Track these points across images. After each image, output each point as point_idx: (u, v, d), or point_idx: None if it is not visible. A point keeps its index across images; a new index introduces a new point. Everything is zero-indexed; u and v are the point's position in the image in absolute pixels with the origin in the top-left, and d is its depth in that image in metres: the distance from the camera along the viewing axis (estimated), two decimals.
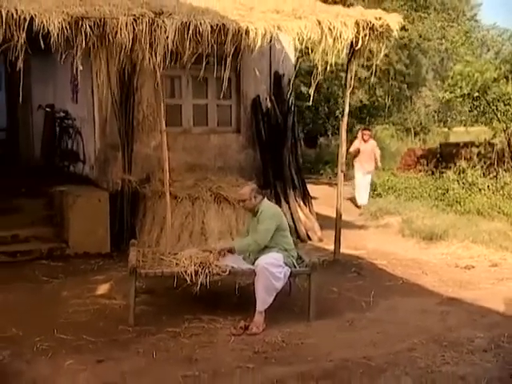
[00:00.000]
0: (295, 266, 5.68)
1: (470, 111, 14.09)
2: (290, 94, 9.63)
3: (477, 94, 11.87)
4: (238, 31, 6.16)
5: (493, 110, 12.08)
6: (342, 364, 4.58)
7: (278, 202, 9.21)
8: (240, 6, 7.19)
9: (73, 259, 7.50)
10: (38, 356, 4.70)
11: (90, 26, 5.71)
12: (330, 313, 5.87)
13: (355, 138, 13.12)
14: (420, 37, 17.46)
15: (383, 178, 13.77)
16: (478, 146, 12.95)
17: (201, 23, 5.97)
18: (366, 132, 12.82)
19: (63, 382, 4.28)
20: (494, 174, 12.28)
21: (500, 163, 12.27)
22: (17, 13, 5.38)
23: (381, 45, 7.07)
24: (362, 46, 6.97)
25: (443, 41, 20.51)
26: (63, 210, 7.85)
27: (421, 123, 24.85)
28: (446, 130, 25.23)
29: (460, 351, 4.82)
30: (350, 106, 17.29)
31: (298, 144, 9.82)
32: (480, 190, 12.14)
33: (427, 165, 14.36)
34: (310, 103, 13.18)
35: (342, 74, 15.88)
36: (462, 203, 11.77)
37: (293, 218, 9.18)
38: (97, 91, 8.50)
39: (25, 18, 5.39)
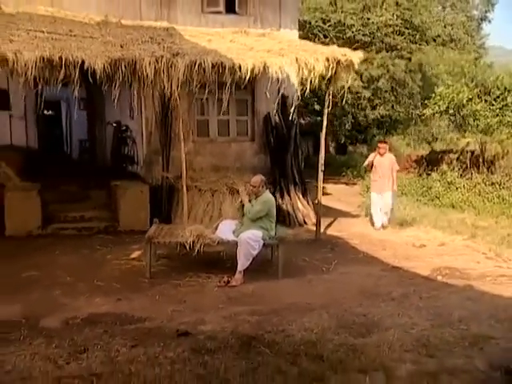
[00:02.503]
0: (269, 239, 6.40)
1: (448, 125, 14.25)
2: (293, 111, 10.22)
3: (452, 111, 12.09)
4: (233, 66, 6.88)
5: (465, 123, 12.27)
6: (287, 306, 5.25)
7: (282, 195, 9.91)
8: (243, 46, 7.94)
9: (121, 234, 8.40)
10: (78, 295, 5.63)
11: (125, 66, 6.58)
12: (296, 274, 6.52)
13: (374, 149, 11.21)
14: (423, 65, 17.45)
15: None
16: (455, 153, 13.13)
17: (204, 61, 6.74)
18: (382, 145, 9.66)
19: (91, 310, 5.16)
20: (469, 175, 12.48)
21: (474, 167, 12.43)
22: (72, 57, 6.30)
23: (348, 75, 7.61)
24: (332, 75, 7.54)
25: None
26: (117, 198, 8.80)
27: (432, 134, 24.77)
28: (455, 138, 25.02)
29: (376, 300, 5.39)
30: (371, 118, 17.62)
31: (299, 150, 10.37)
32: (457, 188, 12.37)
33: (419, 168, 14.61)
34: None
35: (366, 92, 16.28)
36: (440, 198, 12.07)
37: (293, 207, 9.82)
38: (144, 111, 9.44)
39: (77, 61, 6.30)
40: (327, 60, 7.31)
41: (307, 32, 15.31)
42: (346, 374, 3.50)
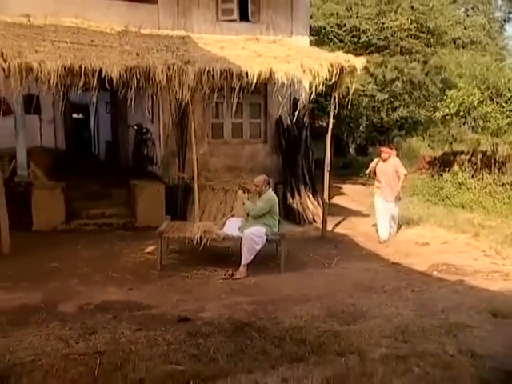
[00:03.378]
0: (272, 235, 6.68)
1: (459, 126, 14.21)
2: (304, 114, 10.48)
3: (462, 114, 12.10)
4: (240, 73, 7.18)
5: (477, 125, 12.27)
6: (284, 297, 5.52)
7: (292, 195, 10.18)
8: (252, 53, 8.22)
9: (138, 230, 8.80)
10: (94, 284, 6.03)
11: (140, 73, 6.95)
12: (298, 268, 6.79)
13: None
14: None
15: None
16: (466, 154, 13.12)
17: (213, 68, 7.05)
18: (384, 149, 8.41)
19: (104, 298, 5.53)
20: (480, 176, 12.47)
21: (485, 168, 12.41)
22: (91, 66, 6.71)
23: (351, 79, 7.82)
24: (337, 80, 7.77)
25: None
26: (135, 196, 9.21)
27: (453, 135, 24.56)
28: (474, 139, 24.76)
29: (369, 292, 5.60)
30: (392, 120, 17.60)
31: (310, 152, 10.59)
32: (468, 188, 12.36)
33: (432, 169, 14.62)
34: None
35: (380, 94, 16.37)
36: (451, 199, 12.10)
37: (303, 206, 10.06)
38: (162, 114, 9.83)
39: (96, 70, 6.70)
40: (331, 66, 7.53)
41: (322, 37, 15.51)
42: (324, 356, 3.75)
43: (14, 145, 9.33)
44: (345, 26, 15.81)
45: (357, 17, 15.84)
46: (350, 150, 23.25)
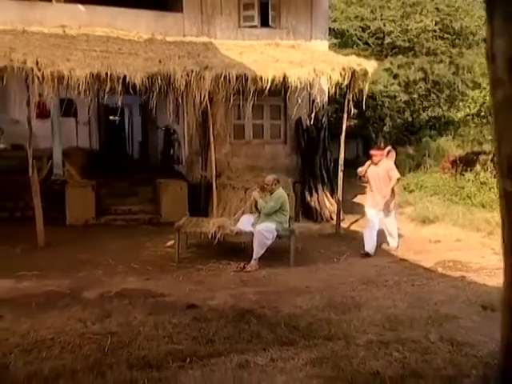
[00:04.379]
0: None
1: (481, 126, 14.01)
2: (323, 116, 10.67)
3: (483, 114, 11.96)
4: (255, 77, 7.46)
5: None
6: (289, 288, 5.74)
7: (310, 193, 10.39)
8: (270, 58, 8.50)
9: (162, 225, 9.17)
10: (116, 274, 6.44)
11: (161, 79, 7.33)
12: (308, 263, 7.02)
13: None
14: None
15: (417, 178, 14.19)
16: (489, 154, 12.96)
17: (229, 73, 7.36)
18: (374, 152, 7.60)
19: (123, 286, 5.90)
20: None
21: None
22: (116, 73, 7.13)
23: (364, 82, 7.97)
24: (350, 83, 7.94)
25: None
26: (159, 194, 9.64)
27: (484, 135, 24.10)
28: None
29: (370, 286, 5.75)
30: (422, 120, 17.50)
31: (328, 152, 10.76)
32: (490, 188, 12.22)
33: (455, 168, 14.48)
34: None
35: (404, 95, 16.33)
36: (472, 198, 11.99)
37: (320, 204, 10.26)
38: (186, 116, 10.22)
39: (120, 76, 7.12)
40: (343, 69, 7.71)
41: (346, 40, 15.59)
42: (314, 341, 3.98)
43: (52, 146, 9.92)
44: (369, 28, 15.84)
45: (381, 19, 15.83)
46: None
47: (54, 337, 4.17)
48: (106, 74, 7.11)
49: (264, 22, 10.54)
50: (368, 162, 7.61)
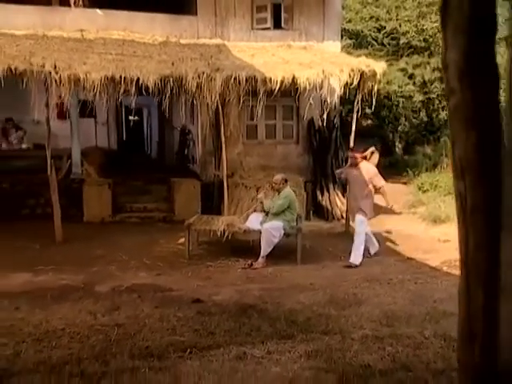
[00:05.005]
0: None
1: None
2: (335, 116, 10.73)
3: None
4: (264, 79, 7.58)
5: None
6: (293, 285, 5.86)
7: (322, 192, 10.46)
8: (280, 60, 8.60)
9: (176, 223, 9.29)
10: (128, 269, 6.64)
11: (173, 81, 7.51)
12: (315, 261, 7.10)
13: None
14: None
15: (432, 178, 14.10)
16: None
17: (239, 75, 7.49)
18: (352, 154, 7.13)
19: (134, 281, 6.11)
20: None
21: None
22: (129, 75, 7.33)
23: (373, 83, 8.02)
24: (359, 83, 7.99)
25: None
26: (173, 192, 9.82)
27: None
28: None
29: (374, 283, 5.83)
30: (441, 119, 17.40)
31: (340, 151, 10.80)
32: None
33: None
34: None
35: (419, 95, 16.25)
36: None
37: (331, 204, 10.32)
38: (200, 116, 10.39)
39: (133, 79, 7.32)
40: (352, 71, 7.77)
41: (361, 41, 15.57)
42: (311, 335, 4.10)
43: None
44: (384, 28, 15.78)
45: (396, 19, 15.76)
46: (397, 149, 23.03)
47: (64, 327, 4.37)
48: (120, 76, 7.30)
49: (277, 24, 10.63)
50: (346, 165, 7.33)
